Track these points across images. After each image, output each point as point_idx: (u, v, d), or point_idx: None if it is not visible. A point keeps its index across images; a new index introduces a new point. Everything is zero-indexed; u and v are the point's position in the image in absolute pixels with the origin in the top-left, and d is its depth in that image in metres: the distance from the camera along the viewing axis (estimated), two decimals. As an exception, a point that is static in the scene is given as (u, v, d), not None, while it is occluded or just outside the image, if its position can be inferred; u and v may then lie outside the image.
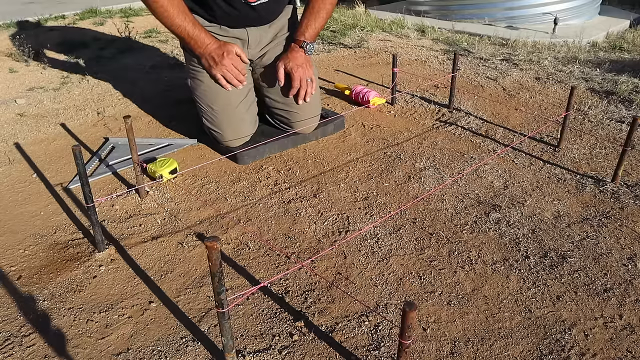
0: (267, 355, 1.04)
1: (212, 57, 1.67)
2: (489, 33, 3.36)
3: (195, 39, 1.66)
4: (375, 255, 1.33)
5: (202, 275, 1.27)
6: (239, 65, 1.70)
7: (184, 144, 1.94)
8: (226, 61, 1.67)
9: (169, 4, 1.61)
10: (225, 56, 1.67)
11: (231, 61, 1.68)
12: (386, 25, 3.66)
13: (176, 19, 1.63)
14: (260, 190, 1.64)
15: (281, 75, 1.74)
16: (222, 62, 1.67)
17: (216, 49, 1.67)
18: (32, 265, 1.32)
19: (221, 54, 1.66)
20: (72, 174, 1.75)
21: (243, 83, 1.71)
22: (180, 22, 1.64)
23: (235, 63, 1.69)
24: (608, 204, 1.53)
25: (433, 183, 1.65)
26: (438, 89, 2.44)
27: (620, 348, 1.05)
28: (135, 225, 1.47)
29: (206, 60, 1.69)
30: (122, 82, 2.63)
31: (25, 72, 2.82)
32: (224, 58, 1.67)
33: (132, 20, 3.97)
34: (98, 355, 1.05)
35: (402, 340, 0.79)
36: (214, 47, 1.67)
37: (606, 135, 1.95)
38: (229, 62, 1.67)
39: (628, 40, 3.17)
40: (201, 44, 1.66)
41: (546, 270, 1.26)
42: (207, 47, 1.67)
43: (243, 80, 1.71)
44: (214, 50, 1.67)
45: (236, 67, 1.69)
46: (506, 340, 1.07)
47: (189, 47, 1.70)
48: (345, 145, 1.92)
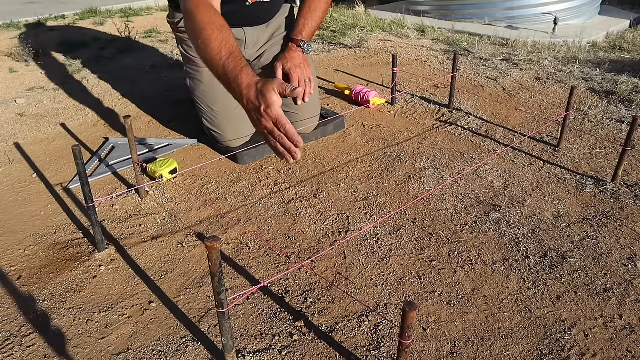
0: (267, 355, 1.04)
1: (250, 113, 1.13)
2: (489, 33, 3.36)
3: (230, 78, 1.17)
4: (375, 255, 1.33)
5: (202, 275, 1.27)
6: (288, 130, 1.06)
7: (184, 144, 1.94)
8: (267, 120, 1.08)
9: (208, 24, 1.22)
10: (265, 113, 1.08)
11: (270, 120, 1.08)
12: (386, 25, 3.66)
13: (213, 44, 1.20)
14: (260, 190, 1.64)
15: (279, 76, 1.74)
16: (262, 122, 1.09)
17: (253, 100, 1.11)
18: (32, 265, 1.31)
19: (259, 108, 1.09)
20: (72, 174, 1.75)
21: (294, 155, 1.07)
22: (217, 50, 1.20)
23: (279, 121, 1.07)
24: (608, 204, 1.53)
25: (433, 183, 1.65)
26: (438, 89, 2.44)
27: (620, 348, 1.05)
28: (135, 225, 1.47)
29: (248, 114, 1.14)
30: (122, 82, 2.63)
31: (25, 72, 2.82)
32: (263, 116, 1.08)
33: (132, 20, 3.97)
34: (98, 355, 1.05)
35: (402, 340, 0.79)
36: (252, 97, 1.11)
37: (606, 135, 1.95)
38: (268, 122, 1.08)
39: (628, 40, 3.17)
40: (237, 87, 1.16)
41: (546, 270, 1.26)
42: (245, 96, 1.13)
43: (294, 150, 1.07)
44: (252, 99, 1.11)
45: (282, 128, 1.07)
46: (506, 340, 1.07)
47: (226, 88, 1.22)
48: (345, 145, 1.92)
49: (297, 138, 1.06)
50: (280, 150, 1.08)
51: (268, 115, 1.08)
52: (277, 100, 1.09)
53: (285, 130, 1.06)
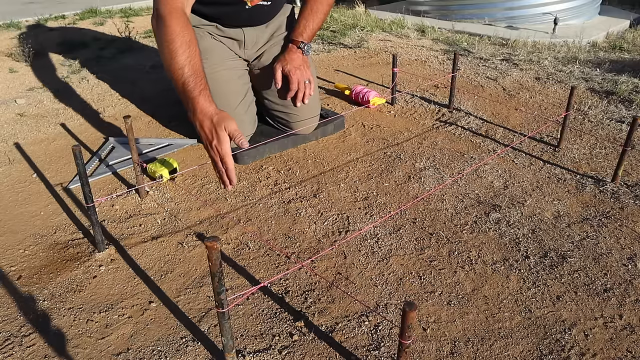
0: (267, 355, 1.04)
1: (203, 139, 1.26)
2: (489, 33, 3.36)
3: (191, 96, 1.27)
4: (375, 255, 1.33)
5: (202, 275, 1.27)
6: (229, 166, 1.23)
7: (184, 144, 1.94)
8: (213, 153, 1.24)
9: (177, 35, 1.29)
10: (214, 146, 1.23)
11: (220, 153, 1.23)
12: (386, 25, 3.66)
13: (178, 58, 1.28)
14: (260, 190, 1.64)
15: (278, 77, 1.73)
16: (209, 151, 1.26)
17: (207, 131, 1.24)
18: (32, 265, 1.32)
19: (211, 141, 1.24)
20: (72, 174, 1.75)
21: (227, 187, 1.26)
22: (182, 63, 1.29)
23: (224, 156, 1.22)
24: (608, 204, 1.53)
25: (433, 183, 1.65)
26: (438, 89, 2.44)
27: (620, 348, 1.05)
28: (135, 225, 1.47)
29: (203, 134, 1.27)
30: (122, 82, 2.63)
31: (25, 72, 2.82)
32: (212, 148, 1.24)
33: (132, 20, 3.97)
34: (98, 355, 1.05)
35: (402, 340, 0.79)
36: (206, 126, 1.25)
37: (606, 135, 1.95)
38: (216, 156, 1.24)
39: (628, 40, 3.17)
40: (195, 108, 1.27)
41: (546, 270, 1.26)
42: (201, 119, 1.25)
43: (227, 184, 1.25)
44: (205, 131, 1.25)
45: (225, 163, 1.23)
46: (506, 340, 1.07)
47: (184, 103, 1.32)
48: (345, 145, 1.92)
49: (233, 176, 1.23)
50: (221, 180, 1.25)
51: (216, 151, 1.23)
52: (227, 139, 1.23)
53: (227, 167, 1.23)
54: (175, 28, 1.30)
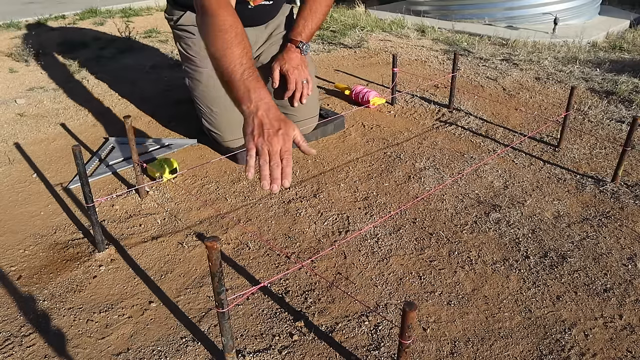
0: (267, 355, 1.04)
1: (260, 124, 1.09)
2: (489, 33, 3.36)
3: (250, 87, 1.15)
4: (375, 255, 1.33)
5: (202, 275, 1.27)
6: (288, 158, 1.06)
7: (184, 144, 1.94)
8: (276, 141, 1.06)
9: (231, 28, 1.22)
10: (279, 134, 1.07)
11: (282, 144, 1.06)
12: (386, 25, 3.66)
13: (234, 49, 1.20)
14: (260, 190, 1.64)
15: (276, 77, 1.73)
16: (270, 139, 1.06)
17: (274, 118, 1.10)
18: (32, 265, 1.32)
19: (277, 129, 1.07)
20: (72, 174, 1.75)
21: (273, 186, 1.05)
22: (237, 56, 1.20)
23: (285, 151, 1.06)
24: (608, 204, 1.53)
25: (433, 183, 1.65)
26: (438, 89, 2.44)
27: (620, 348, 1.05)
28: (135, 225, 1.47)
29: (251, 121, 1.10)
30: (122, 82, 2.63)
31: (25, 72, 2.82)
32: (277, 135, 1.07)
33: (132, 20, 3.97)
34: (98, 355, 1.05)
35: (402, 340, 0.79)
36: (273, 114, 1.10)
37: (606, 135, 1.95)
38: (278, 144, 1.06)
39: (628, 40, 3.17)
40: (255, 97, 1.13)
41: (546, 270, 1.26)
42: (262, 108, 1.11)
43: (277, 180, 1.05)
44: (270, 116, 1.10)
45: (283, 157, 1.06)
46: (506, 340, 1.07)
47: (233, 93, 1.19)
48: (345, 145, 1.92)
49: (289, 177, 1.05)
50: (264, 173, 1.05)
51: (283, 140, 1.07)
52: (298, 136, 1.11)
53: (287, 163, 1.06)
54: (228, 19, 1.24)
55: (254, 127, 1.09)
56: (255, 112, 1.11)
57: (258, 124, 1.09)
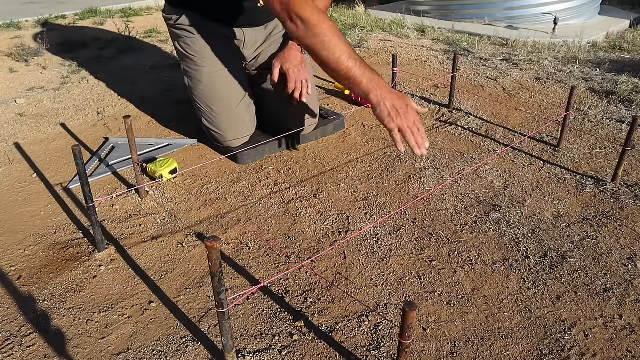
0: (267, 355, 1.04)
1: (393, 107, 1.32)
2: (489, 33, 3.36)
3: (370, 78, 1.35)
4: (375, 255, 1.33)
5: (202, 275, 1.27)
6: (421, 126, 1.34)
7: (184, 144, 1.94)
8: (410, 116, 1.32)
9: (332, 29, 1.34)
10: (409, 110, 1.33)
11: (414, 117, 1.33)
12: (386, 25, 3.66)
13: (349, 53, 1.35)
14: (260, 190, 1.64)
15: (275, 74, 1.73)
16: (406, 116, 1.32)
17: (398, 98, 1.34)
18: (32, 265, 1.32)
19: (405, 106, 1.33)
20: (72, 174, 1.75)
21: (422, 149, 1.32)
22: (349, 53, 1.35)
23: (417, 121, 1.33)
24: (608, 204, 1.53)
25: (433, 183, 1.65)
26: (438, 89, 2.44)
27: (620, 348, 1.05)
28: (135, 225, 1.47)
29: (385, 108, 1.33)
30: (122, 82, 2.63)
31: (25, 72, 2.82)
32: (408, 112, 1.32)
33: (132, 20, 3.97)
34: (98, 355, 1.05)
35: (402, 340, 0.79)
36: (395, 96, 1.34)
37: (606, 135, 1.95)
38: (412, 117, 1.32)
39: (628, 40, 3.17)
40: (378, 85, 1.34)
41: (546, 270, 1.26)
42: (387, 94, 1.34)
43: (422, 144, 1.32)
44: (396, 99, 1.34)
45: (418, 127, 1.33)
46: (506, 340, 1.07)
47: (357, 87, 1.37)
48: (345, 145, 1.92)
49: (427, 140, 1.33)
50: (413, 143, 1.31)
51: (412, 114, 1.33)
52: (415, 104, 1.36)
53: (422, 129, 1.32)
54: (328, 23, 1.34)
55: (389, 111, 1.32)
56: (384, 97, 1.33)
57: (392, 107, 1.32)
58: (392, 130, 1.33)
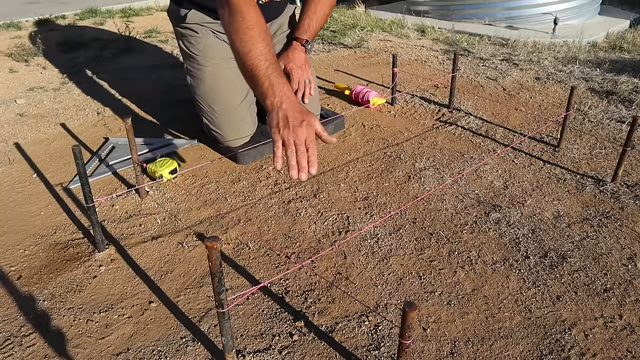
0: (267, 355, 1.04)
1: (285, 117, 1.16)
2: (489, 33, 3.36)
3: (274, 82, 1.21)
4: (375, 255, 1.33)
5: (202, 275, 1.27)
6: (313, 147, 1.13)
7: (184, 144, 1.94)
8: (301, 132, 1.13)
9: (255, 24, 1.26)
10: (303, 125, 1.14)
11: (306, 135, 1.14)
12: (386, 25, 3.66)
13: (258, 44, 1.24)
14: (260, 190, 1.64)
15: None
16: (295, 130, 1.13)
17: (297, 110, 1.17)
18: (32, 265, 1.32)
19: (300, 121, 1.15)
20: (72, 174, 1.75)
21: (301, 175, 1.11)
22: (261, 52, 1.24)
23: (309, 141, 1.14)
24: (608, 204, 1.53)
25: (433, 183, 1.65)
26: (438, 89, 2.44)
27: (620, 348, 1.05)
28: (135, 225, 1.47)
29: (276, 116, 1.17)
30: (122, 82, 2.63)
31: (25, 72, 2.82)
32: (301, 127, 1.14)
33: (132, 20, 3.97)
34: (98, 355, 1.05)
35: (402, 340, 0.79)
36: (295, 107, 1.18)
37: (606, 135, 1.95)
38: (303, 134, 1.13)
39: (628, 40, 3.17)
40: (279, 92, 1.20)
41: (546, 270, 1.26)
42: (285, 101, 1.19)
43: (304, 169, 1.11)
44: (293, 110, 1.17)
45: (309, 147, 1.13)
46: (506, 340, 1.07)
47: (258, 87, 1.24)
48: (345, 145, 1.93)
49: (315, 165, 1.12)
50: (292, 163, 1.12)
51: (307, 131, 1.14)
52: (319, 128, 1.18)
53: (312, 152, 1.13)
54: (253, 16, 1.28)
55: (279, 120, 1.16)
56: (279, 105, 1.18)
57: (283, 117, 1.16)
58: (275, 142, 1.14)
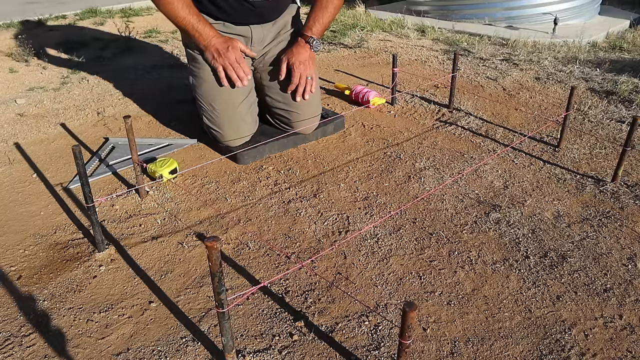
0: (267, 355, 1.04)
1: (216, 50, 1.66)
2: (489, 33, 3.36)
3: (200, 31, 1.65)
4: (375, 255, 1.33)
5: (202, 275, 1.27)
6: (243, 62, 1.67)
7: (184, 144, 1.94)
8: (230, 54, 1.64)
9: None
10: (229, 49, 1.65)
11: (235, 55, 1.65)
12: (386, 25, 3.66)
13: (180, 11, 1.64)
14: (260, 190, 1.64)
15: (283, 69, 1.75)
16: (225, 55, 1.64)
17: (221, 42, 1.66)
18: (32, 265, 1.32)
19: (226, 47, 1.65)
20: (72, 174, 1.75)
21: (243, 81, 1.67)
22: (185, 15, 1.64)
23: (239, 58, 1.66)
24: (608, 204, 1.53)
25: (433, 183, 1.65)
26: (438, 89, 2.44)
27: (620, 348, 1.05)
28: (135, 225, 1.47)
29: (210, 52, 1.67)
30: (122, 82, 2.63)
31: (25, 72, 2.82)
32: (228, 51, 1.64)
33: (132, 20, 3.97)
34: (98, 355, 1.05)
35: (402, 340, 0.79)
36: (219, 41, 1.66)
37: (606, 135, 1.95)
38: (232, 55, 1.65)
39: (628, 40, 3.17)
40: (206, 36, 1.66)
41: (546, 270, 1.26)
42: (212, 40, 1.66)
43: (244, 77, 1.67)
44: (219, 43, 1.66)
45: (239, 62, 1.66)
46: (506, 340, 1.07)
47: (194, 40, 1.69)
48: (345, 145, 1.93)
49: (249, 74, 1.69)
50: (233, 77, 1.66)
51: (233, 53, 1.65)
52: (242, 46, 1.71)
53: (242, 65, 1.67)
54: None
55: (213, 53, 1.67)
56: (208, 44, 1.66)
57: (214, 50, 1.66)
58: (217, 68, 1.66)
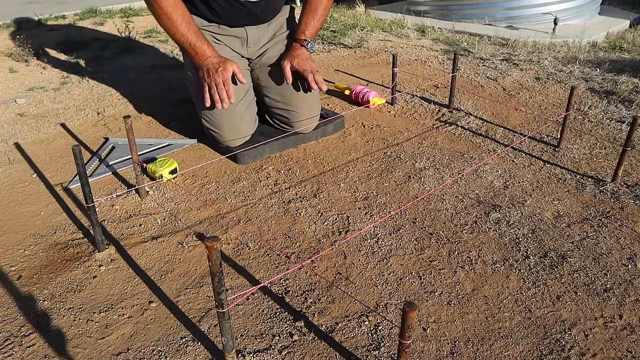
0: (267, 355, 1.04)
1: (207, 70, 1.63)
2: (489, 33, 3.36)
3: (197, 50, 1.65)
4: (375, 255, 1.33)
5: (202, 275, 1.27)
6: (229, 85, 1.61)
7: (184, 144, 1.94)
8: (218, 76, 1.61)
9: (173, 11, 1.61)
10: (219, 71, 1.61)
11: (223, 77, 1.61)
12: (386, 25, 3.66)
13: (180, 28, 1.63)
14: (260, 190, 1.64)
15: (288, 73, 1.75)
16: (214, 76, 1.61)
17: (215, 63, 1.63)
18: (32, 265, 1.32)
19: (216, 69, 1.62)
20: (72, 174, 1.75)
21: (224, 104, 1.60)
22: (184, 32, 1.64)
23: (226, 81, 1.61)
24: (608, 204, 1.53)
25: (433, 183, 1.65)
26: (438, 89, 2.44)
27: (620, 348, 1.05)
28: (135, 225, 1.47)
29: (202, 71, 1.65)
30: (122, 82, 2.63)
31: (25, 72, 2.82)
32: (217, 73, 1.61)
33: (132, 20, 3.97)
34: (98, 355, 1.05)
35: (402, 340, 0.79)
36: (214, 62, 1.64)
37: (606, 135, 1.95)
38: (220, 77, 1.61)
39: (628, 40, 3.17)
40: (202, 55, 1.65)
41: (546, 270, 1.26)
42: (206, 60, 1.65)
43: (225, 99, 1.60)
44: (212, 64, 1.63)
45: (225, 84, 1.61)
46: (506, 340, 1.07)
47: (190, 57, 1.69)
48: (345, 145, 1.93)
49: (233, 96, 1.62)
50: (216, 98, 1.61)
51: (222, 75, 1.61)
52: (231, 70, 1.64)
53: (227, 88, 1.61)
54: (169, 2, 1.61)
55: (204, 72, 1.65)
56: (203, 63, 1.66)
57: (206, 70, 1.65)
58: (203, 87, 1.64)
